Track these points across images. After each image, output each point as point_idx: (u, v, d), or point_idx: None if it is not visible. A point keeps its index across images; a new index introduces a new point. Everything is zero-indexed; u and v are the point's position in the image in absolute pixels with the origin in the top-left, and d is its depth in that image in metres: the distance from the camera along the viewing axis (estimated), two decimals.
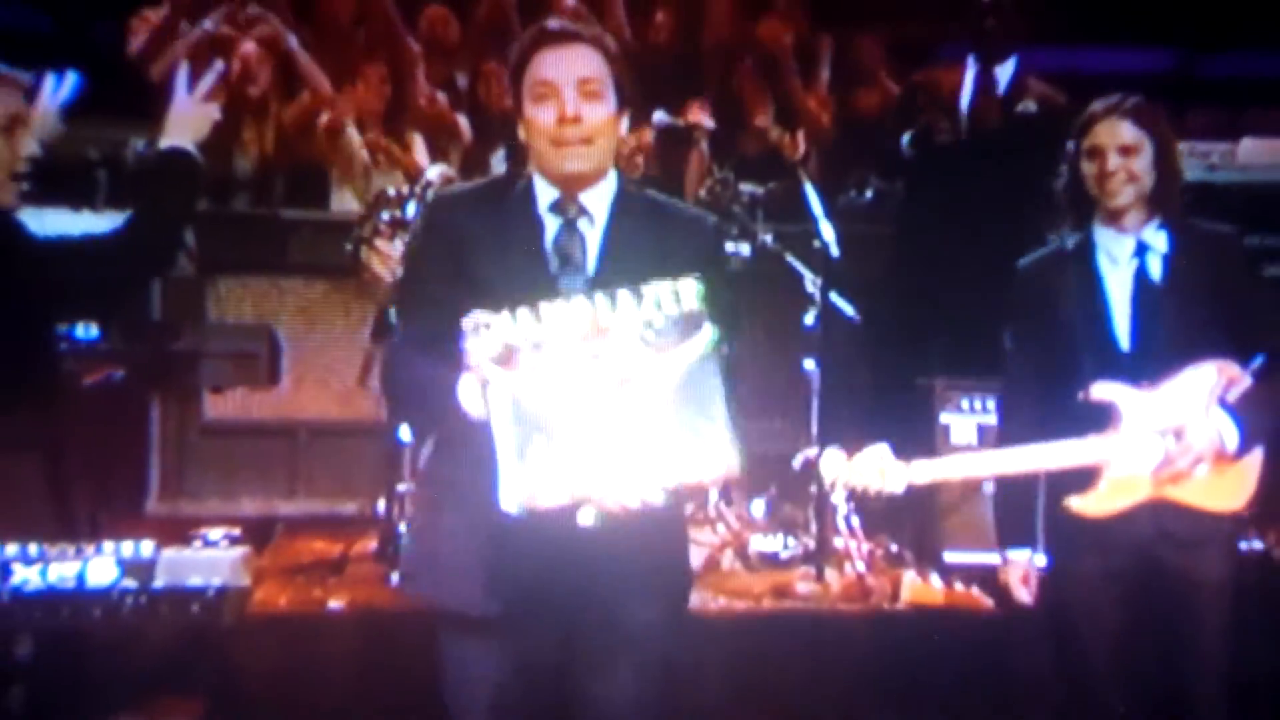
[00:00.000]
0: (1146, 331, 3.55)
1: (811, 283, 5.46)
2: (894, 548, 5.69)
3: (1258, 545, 5.37)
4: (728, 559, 5.44)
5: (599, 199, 2.96)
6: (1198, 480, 3.48)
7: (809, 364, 5.51)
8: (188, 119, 3.60)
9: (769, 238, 5.66)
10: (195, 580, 2.85)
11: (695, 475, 2.68)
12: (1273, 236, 5.75)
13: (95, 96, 3.91)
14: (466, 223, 2.95)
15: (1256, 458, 3.54)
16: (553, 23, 3.00)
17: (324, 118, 6.70)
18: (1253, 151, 6.27)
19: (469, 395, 2.70)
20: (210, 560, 2.89)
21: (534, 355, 2.64)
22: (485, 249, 2.90)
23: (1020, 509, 3.70)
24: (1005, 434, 3.71)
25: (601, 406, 2.64)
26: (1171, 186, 3.60)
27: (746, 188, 5.85)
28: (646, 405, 2.63)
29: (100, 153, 5.78)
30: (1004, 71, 5.91)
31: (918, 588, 5.18)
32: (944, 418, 5.46)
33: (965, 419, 5.45)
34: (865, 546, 5.37)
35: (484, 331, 2.64)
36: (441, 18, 7.48)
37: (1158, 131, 3.58)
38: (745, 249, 5.71)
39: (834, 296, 5.40)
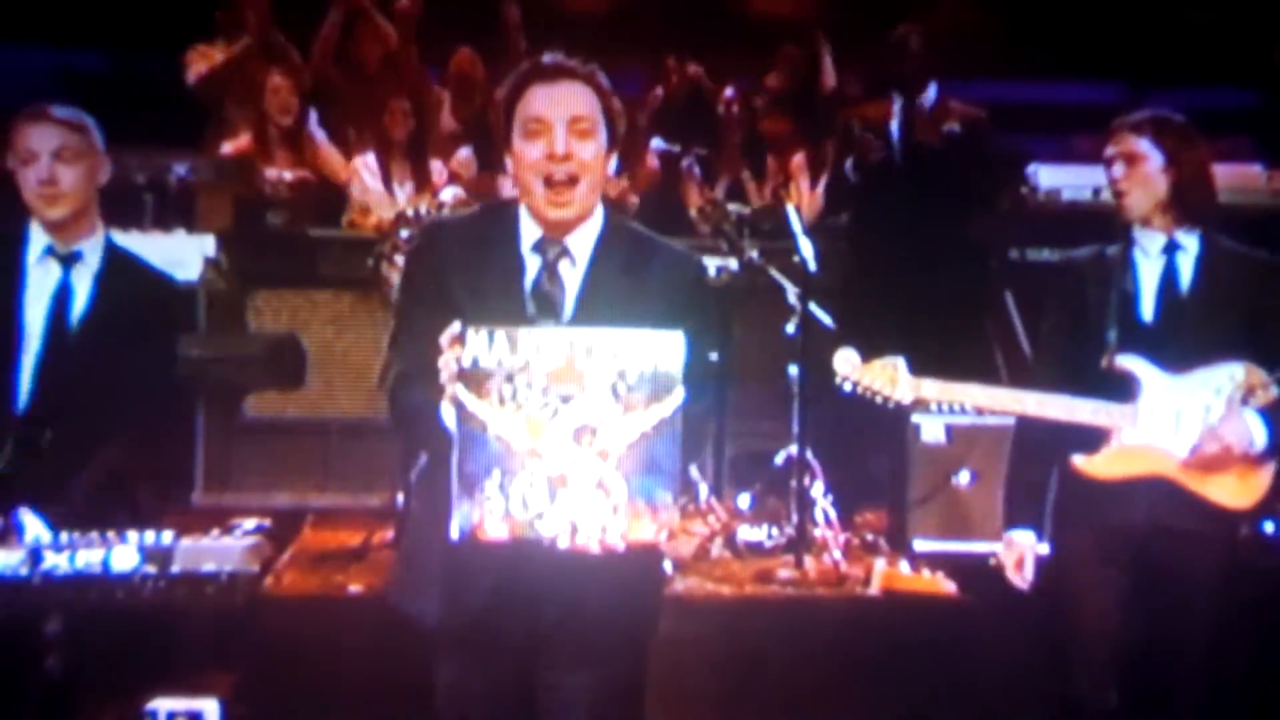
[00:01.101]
0: (1170, 318, 3.46)
1: (793, 294, 5.40)
2: (870, 537, 5.64)
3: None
4: (717, 547, 5.37)
5: (583, 240, 2.77)
6: (1215, 471, 3.38)
7: (792, 369, 5.44)
8: None
9: (755, 253, 5.60)
10: (209, 566, 2.81)
11: (637, 535, 2.51)
12: None
13: (142, 126, 3.87)
14: (452, 254, 2.76)
15: (1273, 464, 3.44)
16: (547, 58, 2.77)
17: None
18: None
19: (449, 415, 2.53)
20: (223, 548, 2.85)
21: (506, 386, 2.49)
22: (467, 283, 2.72)
23: (1030, 491, 3.57)
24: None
25: (561, 454, 2.49)
26: (1192, 195, 3.50)
27: (734, 208, 5.80)
28: (605, 460, 2.50)
29: (146, 177, 5.72)
30: (926, 100, 5.88)
31: (888, 574, 5.10)
32: (915, 417, 5.37)
33: (934, 419, 5.37)
34: (842, 536, 5.31)
35: (457, 346, 2.49)
36: (468, 58, 7.42)
37: (1169, 145, 3.48)
38: (734, 264, 5.66)
39: (813, 307, 5.33)
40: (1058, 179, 5.81)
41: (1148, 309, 3.49)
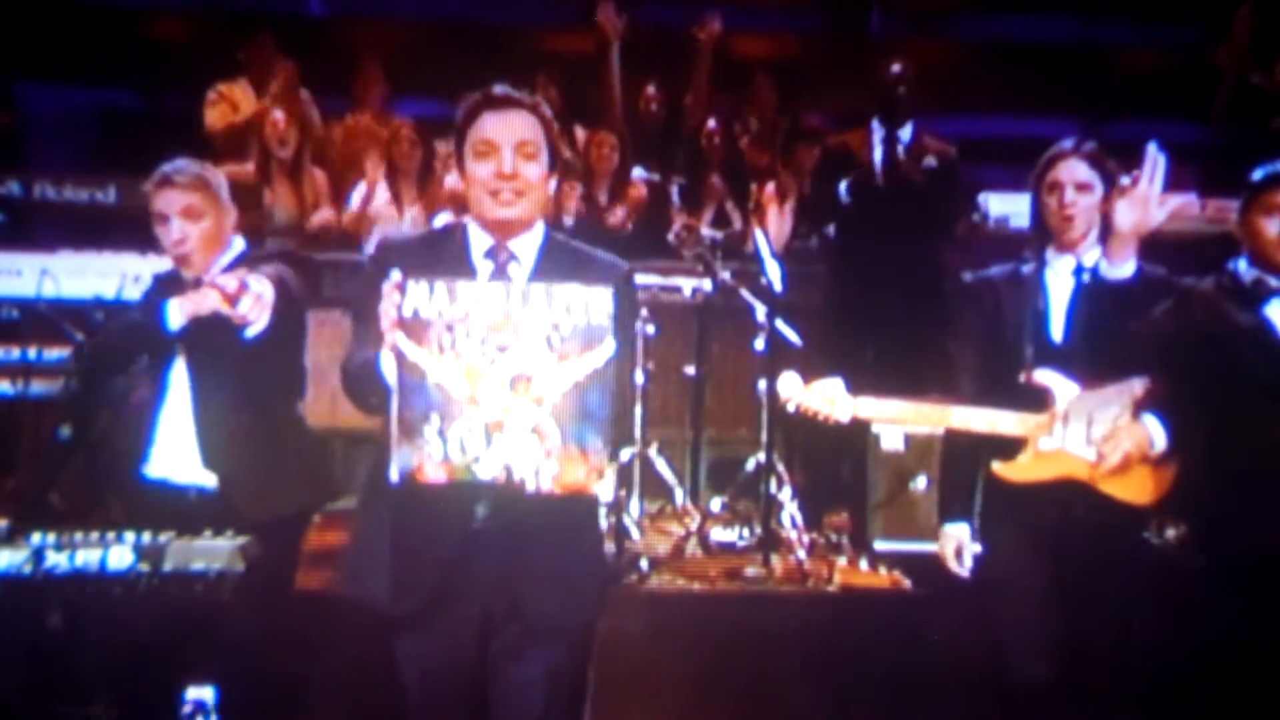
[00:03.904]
0: (1079, 336, 3.46)
1: (761, 313, 5.40)
2: (835, 538, 5.63)
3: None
4: (691, 546, 5.36)
5: (528, 246, 2.84)
6: (1119, 473, 3.40)
7: (761, 383, 5.44)
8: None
9: (727, 275, 5.60)
10: (198, 565, 2.81)
11: (570, 482, 2.52)
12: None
13: (165, 159, 3.91)
14: (406, 264, 2.69)
15: (1173, 464, 3.47)
16: (498, 88, 2.87)
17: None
18: None
19: (387, 366, 2.53)
20: (212, 548, 2.84)
21: (445, 335, 2.49)
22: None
23: (961, 487, 3.58)
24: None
25: (498, 400, 2.49)
26: (1110, 219, 3.47)
27: (708, 232, 5.80)
28: (540, 407, 2.50)
29: None
30: (904, 133, 5.88)
31: (848, 571, 5.11)
32: (875, 428, 5.37)
33: (894, 429, 5.36)
34: (807, 537, 5.31)
35: (397, 294, 2.48)
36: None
37: (1108, 173, 3.50)
38: (708, 285, 5.66)
39: (780, 325, 5.33)
40: (1006, 207, 5.84)
41: (1058, 327, 3.50)
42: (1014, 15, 8.61)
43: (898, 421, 3.51)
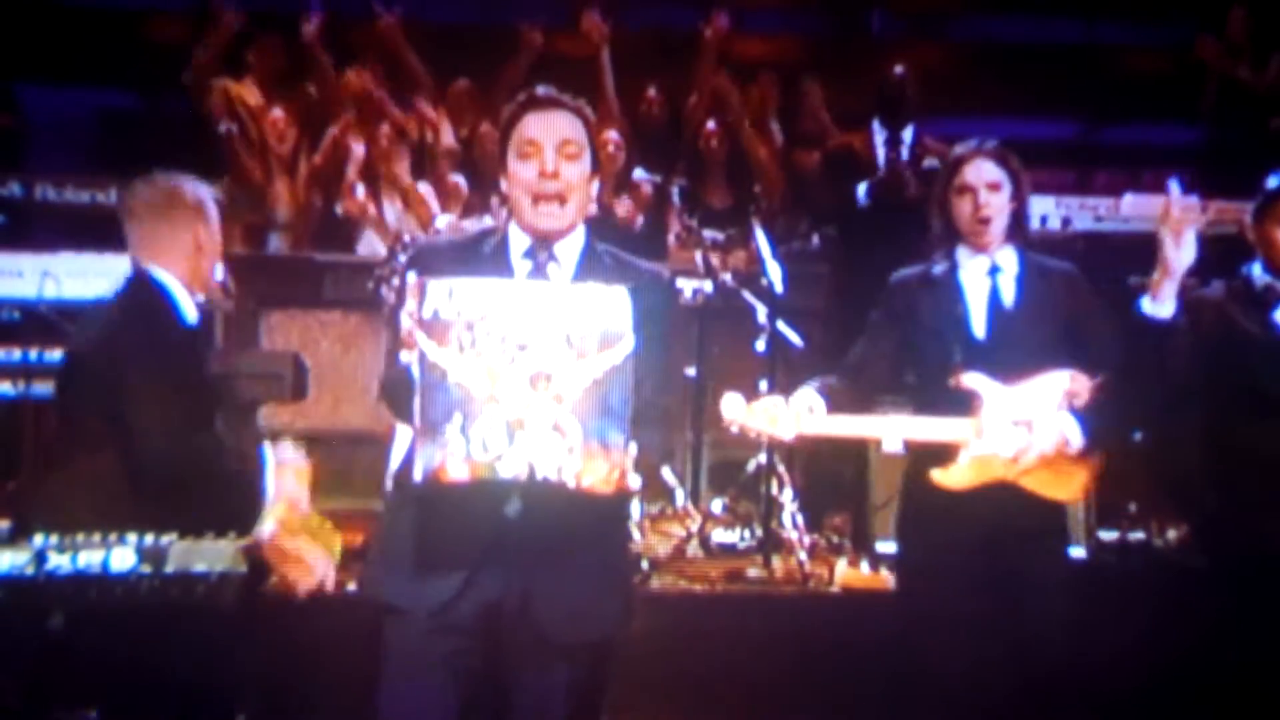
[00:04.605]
0: (999, 335, 3.46)
1: (762, 314, 5.40)
2: (836, 539, 5.63)
3: (1140, 536, 5.31)
4: (692, 548, 5.36)
5: (569, 250, 2.83)
6: (1042, 471, 3.38)
7: (762, 385, 5.43)
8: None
9: (728, 276, 5.60)
10: (201, 566, 2.79)
11: (592, 474, 2.51)
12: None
13: (164, 161, 3.90)
14: (444, 268, 2.70)
15: (1097, 459, 3.45)
16: (541, 90, 2.89)
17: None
18: (1133, 206, 6.24)
19: (415, 370, 2.51)
20: (214, 550, 2.82)
21: (465, 334, 2.48)
22: None
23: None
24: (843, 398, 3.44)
25: (518, 398, 2.48)
26: (1022, 218, 3.53)
27: (709, 234, 5.79)
28: (560, 404, 2.49)
29: None
30: (906, 135, 5.88)
31: (848, 573, 5.11)
32: None
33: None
34: (808, 538, 5.30)
35: (419, 294, 2.48)
36: (466, 89, 7.43)
37: (1014, 170, 3.51)
38: (708, 286, 5.66)
39: (781, 326, 5.33)
40: None
41: (979, 327, 3.49)
42: (1015, 16, 8.61)
43: (843, 436, 3.49)
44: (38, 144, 8.04)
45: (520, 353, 2.49)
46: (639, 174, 6.47)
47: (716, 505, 5.73)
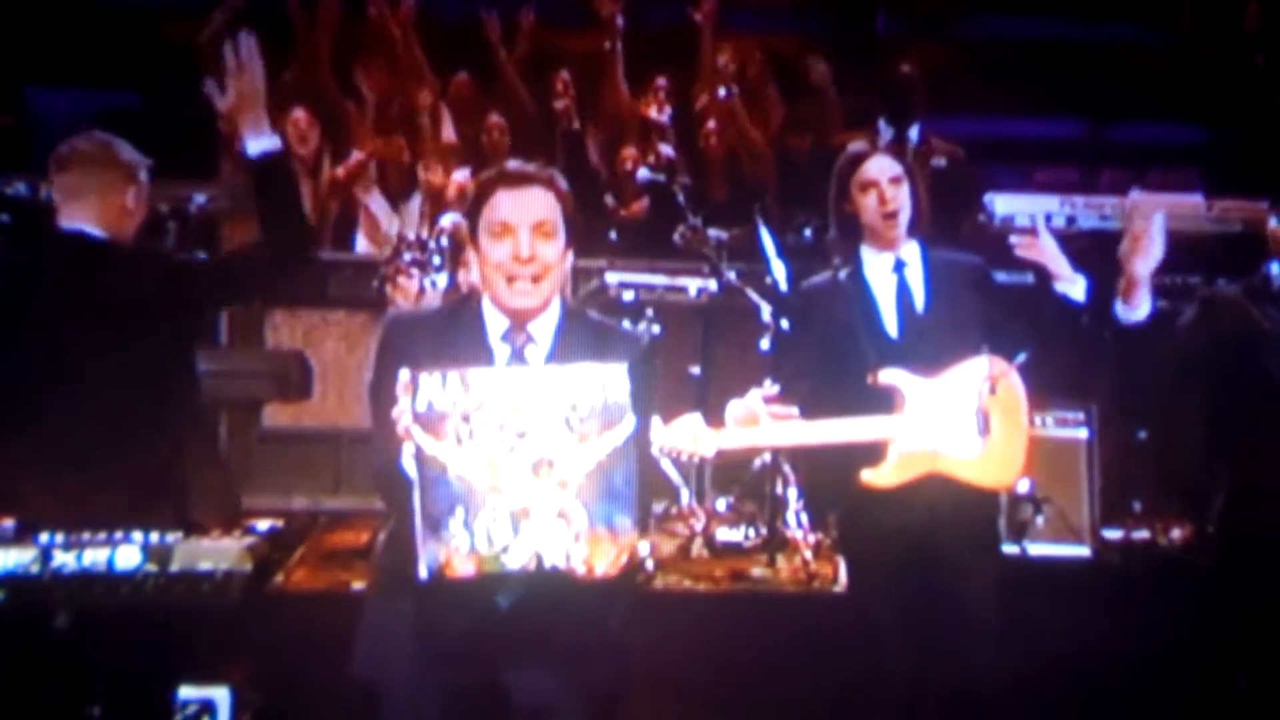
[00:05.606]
0: (913, 329, 3.49)
1: (767, 313, 5.39)
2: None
3: (1144, 535, 5.31)
4: (697, 547, 5.36)
5: (544, 326, 2.77)
6: (973, 459, 3.41)
7: (766, 384, 5.42)
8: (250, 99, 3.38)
9: (733, 275, 5.60)
10: (205, 565, 2.80)
11: (600, 559, 2.48)
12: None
13: (165, 160, 3.91)
14: (419, 347, 2.69)
15: (1022, 442, 3.49)
16: (512, 164, 2.84)
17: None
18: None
19: (409, 463, 2.48)
20: (219, 548, 2.84)
21: (462, 426, 2.44)
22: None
23: None
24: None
25: (521, 487, 2.45)
26: (920, 211, 3.56)
27: (714, 233, 5.78)
28: (564, 490, 2.46)
29: (169, 206, 5.75)
30: (912, 133, 5.88)
31: None
32: None
33: None
34: (813, 537, 5.29)
35: (410, 393, 2.44)
36: (465, 83, 7.46)
37: (909, 166, 3.57)
38: (713, 285, 5.66)
39: (785, 324, 5.31)
40: (1012, 207, 5.83)
41: (892, 324, 3.52)
42: (1019, 16, 8.59)
43: (765, 444, 3.51)
44: (43, 143, 8.05)
45: (520, 440, 2.46)
46: (643, 174, 6.45)
47: (721, 504, 5.73)
